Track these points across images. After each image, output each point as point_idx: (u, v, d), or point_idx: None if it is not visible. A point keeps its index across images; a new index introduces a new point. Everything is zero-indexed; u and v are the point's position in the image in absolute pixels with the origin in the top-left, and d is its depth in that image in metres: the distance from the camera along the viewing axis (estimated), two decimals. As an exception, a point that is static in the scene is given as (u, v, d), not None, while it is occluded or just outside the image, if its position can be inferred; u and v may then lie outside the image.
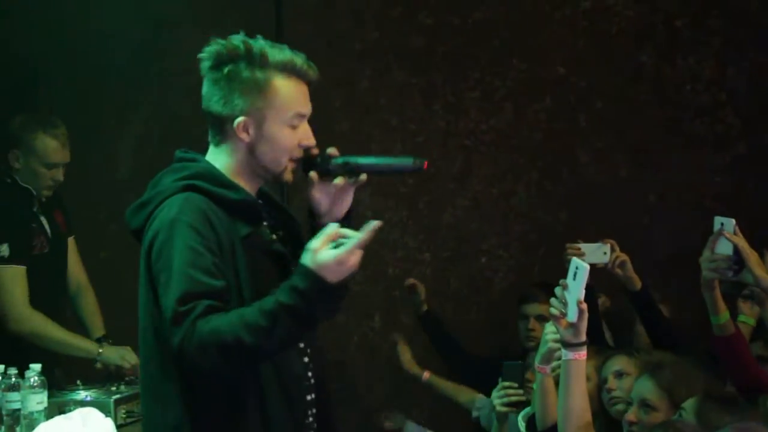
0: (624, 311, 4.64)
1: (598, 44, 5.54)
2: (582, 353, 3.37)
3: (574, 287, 3.25)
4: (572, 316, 3.29)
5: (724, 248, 3.47)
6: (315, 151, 2.87)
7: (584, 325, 3.32)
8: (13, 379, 3.93)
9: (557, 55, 5.49)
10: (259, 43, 2.77)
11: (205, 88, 2.82)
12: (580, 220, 5.33)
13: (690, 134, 5.50)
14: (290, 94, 2.79)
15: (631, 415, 3.57)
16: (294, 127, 2.82)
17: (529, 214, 5.51)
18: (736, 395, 3.38)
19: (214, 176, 2.79)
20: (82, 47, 5.65)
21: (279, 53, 2.77)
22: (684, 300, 4.78)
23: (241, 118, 2.76)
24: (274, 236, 2.89)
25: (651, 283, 4.56)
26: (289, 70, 2.78)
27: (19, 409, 3.89)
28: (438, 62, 5.55)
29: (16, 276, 4.56)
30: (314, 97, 2.87)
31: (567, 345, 3.34)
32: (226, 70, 2.76)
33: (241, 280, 2.72)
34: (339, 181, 2.86)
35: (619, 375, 3.81)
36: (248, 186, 2.85)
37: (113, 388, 4.37)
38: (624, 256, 4.40)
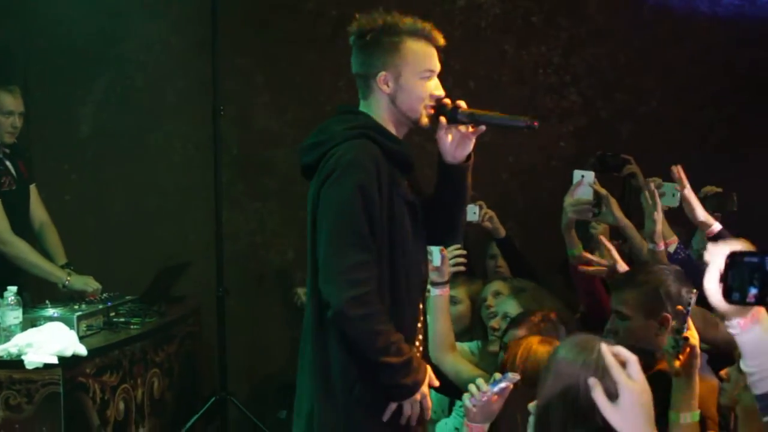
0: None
1: (471, 34, 5.94)
2: (445, 290, 3.88)
3: None
4: (436, 261, 3.81)
5: (584, 194, 3.78)
6: (447, 101, 3.12)
7: (446, 269, 3.84)
8: (-7, 299, 4.27)
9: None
10: (393, 17, 3.10)
11: (353, 56, 3.17)
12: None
13: (542, 108, 5.92)
14: (420, 53, 3.08)
15: (494, 323, 4.02)
16: (425, 81, 3.09)
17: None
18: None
19: (379, 128, 3.10)
20: (52, 32, 6.09)
21: (410, 22, 3.09)
22: (540, 241, 5.27)
23: (381, 73, 3.08)
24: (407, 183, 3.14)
25: (512, 227, 4.98)
26: (418, 34, 3.09)
27: (-2, 324, 4.25)
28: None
29: None
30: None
31: (433, 284, 3.83)
32: (368, 37, 3.09)
33: (390, 226, 3.00)
34: (464, 128, 3.10)
35: (496, 294, 4.18)
36: (397, 134, 3.16)
37: (75, 307, 4.65)
38: (491, 212, 4.77)
